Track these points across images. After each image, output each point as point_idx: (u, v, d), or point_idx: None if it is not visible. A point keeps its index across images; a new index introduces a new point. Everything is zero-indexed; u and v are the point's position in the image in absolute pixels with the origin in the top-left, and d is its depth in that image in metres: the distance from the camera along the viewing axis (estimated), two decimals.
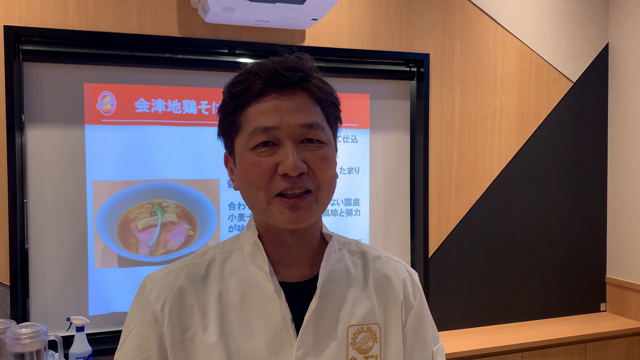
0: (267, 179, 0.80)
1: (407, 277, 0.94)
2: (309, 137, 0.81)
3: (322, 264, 0.87)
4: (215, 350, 0.81)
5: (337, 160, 0.88)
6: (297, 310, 0.84)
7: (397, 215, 2.74)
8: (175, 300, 0.84)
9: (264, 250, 0.86)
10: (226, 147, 0.87)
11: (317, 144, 0.82)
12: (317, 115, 0.82)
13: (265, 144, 0.80)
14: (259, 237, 0.87)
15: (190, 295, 0.84)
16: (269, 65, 0.81)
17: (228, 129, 0.85)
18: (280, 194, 0.80)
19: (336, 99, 0.87)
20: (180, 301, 0.84)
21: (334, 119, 0.87)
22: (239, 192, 0.87)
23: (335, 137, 0.88)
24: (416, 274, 0.98)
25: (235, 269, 0.87)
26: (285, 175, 0.79)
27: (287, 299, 0.84)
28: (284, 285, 0.85)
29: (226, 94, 0.84)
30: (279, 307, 0.83)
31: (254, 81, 0.80)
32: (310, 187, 0.81)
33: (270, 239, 0.87)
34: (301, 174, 0.79)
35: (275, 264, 0.87)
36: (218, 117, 0.86)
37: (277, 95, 0.80)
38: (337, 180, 0.88)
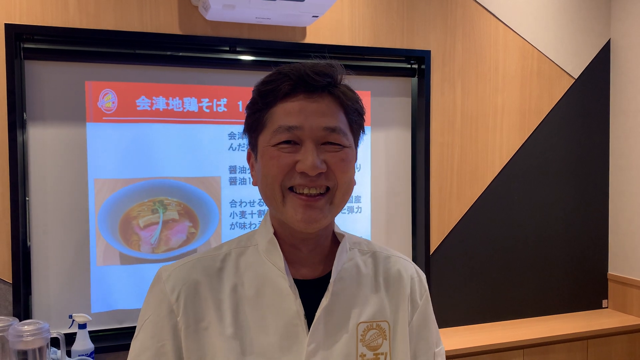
0: (284, 174, 0.82)
1: (416, 277, 0.97)
2: (330, 140, 0.83)
3: (335, 263, 0.89)
4: (230, 342, 0.83)
5: None
6: (309, 307, 0.86)
7: (399, 212, 2.74)
8: (191, 291, 0.85)
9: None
10: (250, 143, 0.89)
11: (338, 146, 0.84)
12: (340, 121, 0.84)
13: (287, 142, 0.82)
14: (275, 234, 0.89)
15: (205, 288, 0.86)
16: (299, 68, 0.83)
17: (253, 126, 0.87)
18: (294, 190, 0.82)
19: (361, 107, 0.89)
20: (195, 292, 0.85)
21: (357, 126, 0.89)
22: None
23: (356, 144, 0.89)
24: (424, 276, 1.00)
25: (250, 264, 0.89)
26: (303, 173, 0.81)
27: (299, 295, 0.86)
28: (296, 282, 0.87)
29: (255, 92, 0.86)
30: (293, 303, 0.85)
31: (283, 81, 0.83)
32: (329, 184, 0.83)
33: (285, 240, 0.89)
34: (320, 174, 0.81)
35: (288, 262, 0.88)
36: (245, 114, 0.89)
37: (304, 97, 0.83)
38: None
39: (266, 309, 0.85)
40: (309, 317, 0.85)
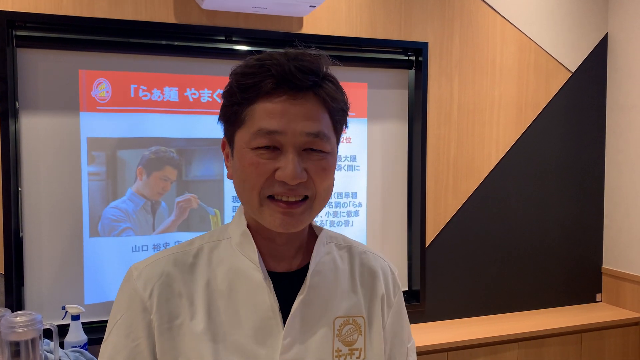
0: (263, 181, 0.78)
1: (390, 275, 0.96)
2: (313, 147, 0.79)
3: (313, 255, 0.87)
4: (202, 338, 0.80)
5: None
6: (284, 300, 0.84)
7: (395, 205, 2.73)
8: (164, 287, 0.83)
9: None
10: (226, 134, 0.86)
11: (320, 154, 0.80)
12: (324, 124, 0.80)
13: (267, 147, 0.78)
14: (248, 227, 0.87)
15: (179, 283, 0.83)
16: (282, 62, 0.77)
17: (231, 119, 0.82)
18: (272, 197, 0.79)
19: (346, 104, 0.85)
20: (169, 289, 0.83)
21: (340, 125, 0.85)
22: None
23: (338, 143, 0.86)
24: (397, 271, 1.00)
25: (223, 258, 0.87)
26: (282, 182, 0.78)
27: (274, 289, 0.84)
28: (272, 275, 0.85)
29: (234, 82, 0.81)
30: (267, 297, 0.83)
31: (265, 77, 0.77)
32: (307, 193, 0.80)
33: (260, 233, 0.86)
34: (299, 183, 0.78)
35: (263, 255, 0.86)
36: (222, 101, 0.84)
37: (288, 97, 0.78)
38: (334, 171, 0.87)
39: (240, 302, 0.83)
40: (284, 310, 0.83)
